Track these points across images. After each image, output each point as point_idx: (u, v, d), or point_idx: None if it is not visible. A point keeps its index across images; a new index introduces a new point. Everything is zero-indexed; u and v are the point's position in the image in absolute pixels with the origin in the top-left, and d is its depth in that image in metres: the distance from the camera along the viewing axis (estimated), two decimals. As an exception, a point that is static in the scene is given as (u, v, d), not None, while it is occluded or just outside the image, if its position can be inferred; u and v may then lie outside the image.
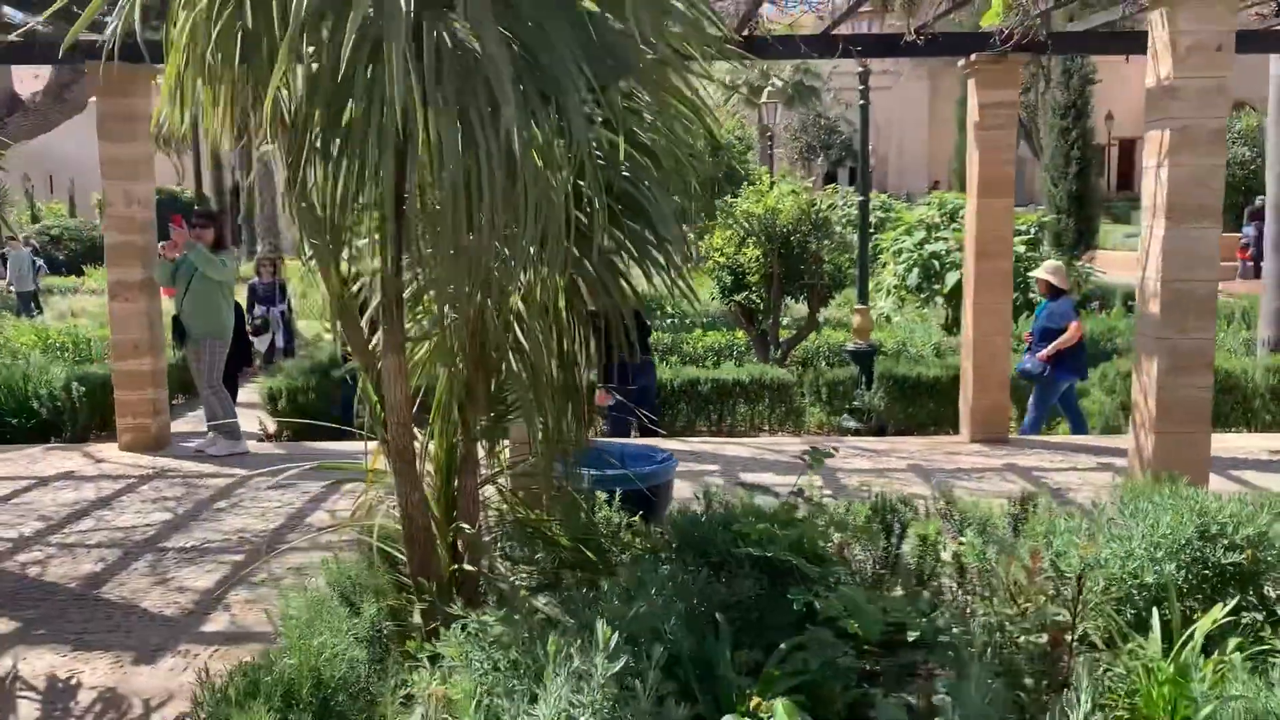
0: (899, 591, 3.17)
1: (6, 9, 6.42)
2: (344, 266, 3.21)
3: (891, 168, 39.60)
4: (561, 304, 3.15)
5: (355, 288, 3.23)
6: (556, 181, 2.71)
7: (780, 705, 1.93)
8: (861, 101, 9.60)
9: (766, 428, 9.27)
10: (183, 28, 2.75)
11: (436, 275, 2.88)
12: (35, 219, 32.69)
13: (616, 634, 2.14)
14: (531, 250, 2.69)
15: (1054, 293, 7.35)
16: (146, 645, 3.69)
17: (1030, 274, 10.13)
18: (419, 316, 3.43)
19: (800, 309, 11.71)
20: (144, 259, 6.65)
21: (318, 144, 2.77)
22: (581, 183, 2.81)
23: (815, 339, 11.19)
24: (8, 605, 4.07)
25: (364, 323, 3.25)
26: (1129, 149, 35.86)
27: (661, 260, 3.23)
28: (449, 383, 3.33)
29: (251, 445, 6.93)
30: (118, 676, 3.45)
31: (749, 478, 5.93)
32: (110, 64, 6.35)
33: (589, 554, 3.48)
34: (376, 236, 3.02)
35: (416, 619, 3.20)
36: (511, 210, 2.60)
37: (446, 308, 3.11)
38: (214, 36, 2.69)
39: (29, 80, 11.77)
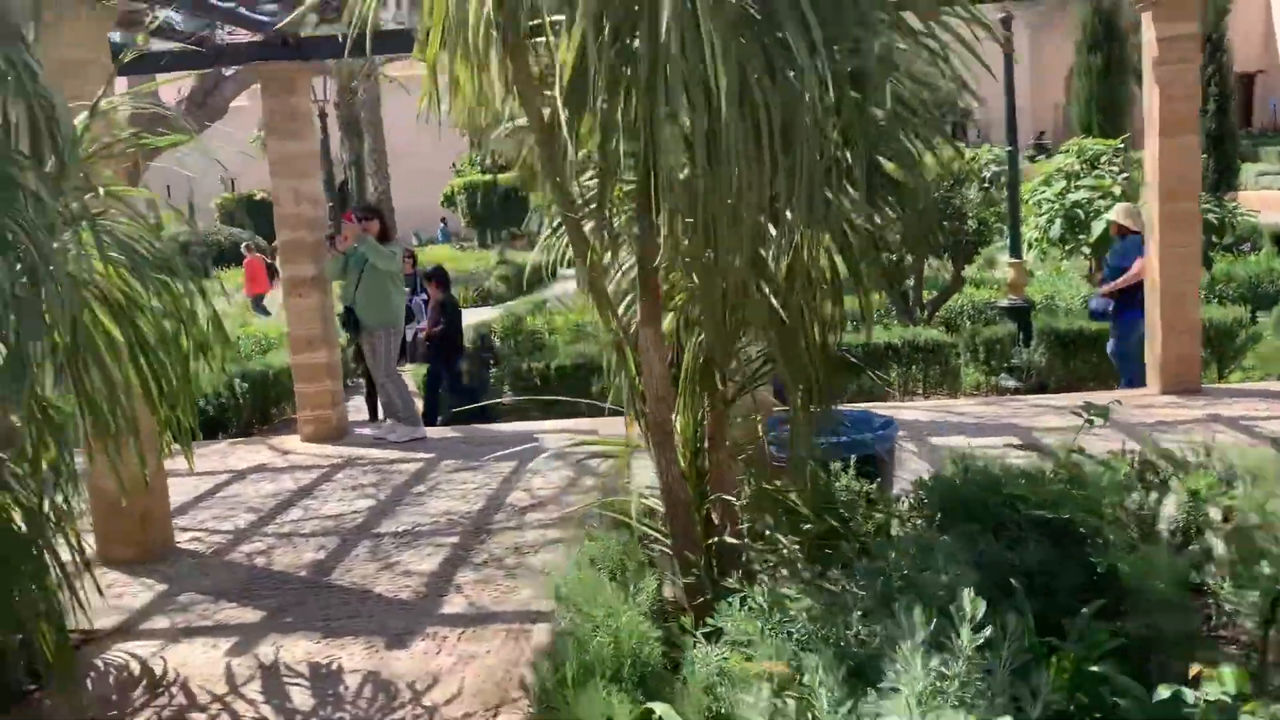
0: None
1: (169, 14, 6.58)
2: (593, 241, 3.17)
3: (994, 119, 38.33)
4: (825, 264, 3.04)
5: (605, 261, 3.19)
6: (825, 139, 2.62)
7: (1228, 674, 1.80)
8: (1006, 51, 9.22)
9: (920, 391, 9.03)
10: (438, 8, 2.73)
11: (694, 242, 2.81)
12: (159, 227, 33.99)
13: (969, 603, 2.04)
14: (792, 214, 2.61)
15: (1123, 233, 7.54)
16: (392, 629, 3.74)
17: (1103, 216, 10.16)
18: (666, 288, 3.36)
19: (938, 267, 11.38)
20: (314, 255, 6.78)
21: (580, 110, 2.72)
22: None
23: (958, 298, 10.87)
24: (247, 595, 4.19)
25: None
26: (1248, 84, 33.96)
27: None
28: (694, 353, 3.27)
29: (428, 430, 7.03)
30: (375, 661, 3.51)
31: (938, 441, 5.77)
32: (276, 64, 6.49)
33: (834, 524, 3.39)
34: (631, 206, 2.98)
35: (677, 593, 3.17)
36: (785, 171, 2.52)
37: (696, 276, 3.04)
38: (471, 16, 2.66)
39: (162, 91, 12.14)
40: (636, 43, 2.49)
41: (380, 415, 8.07)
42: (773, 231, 2.84)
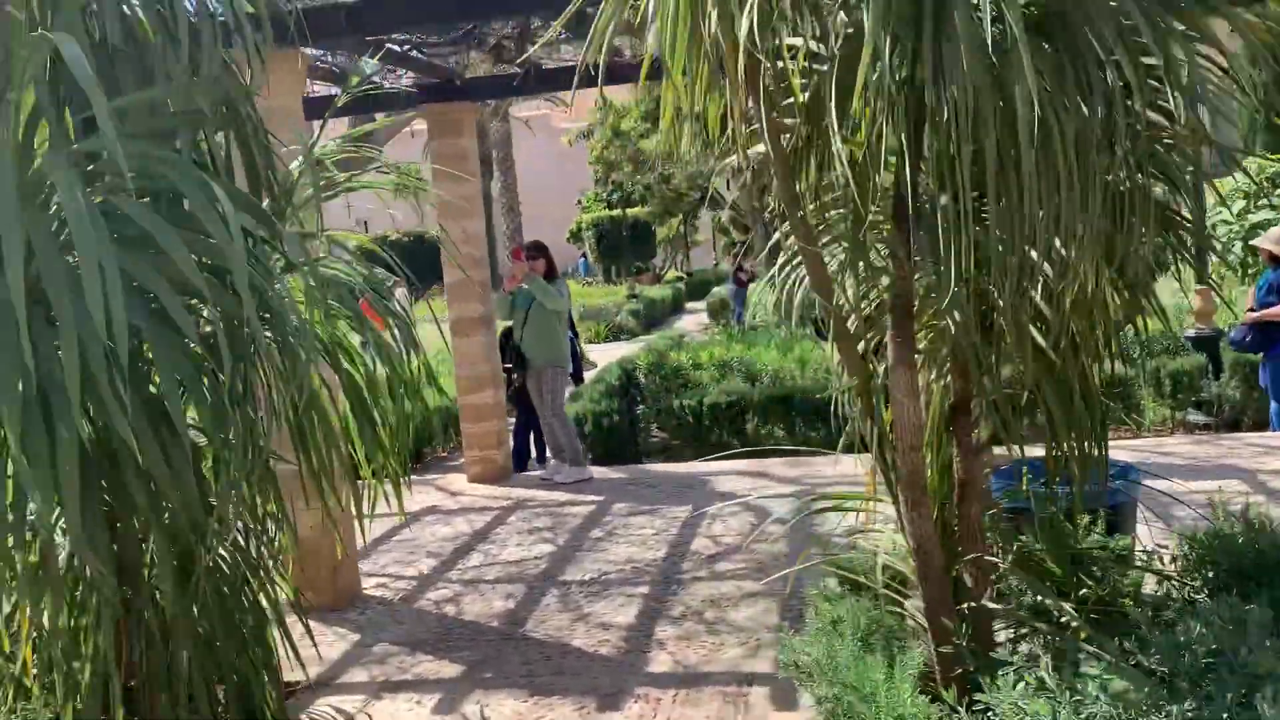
0: None
1: (357, 63, 6.70)
2: (838, 276, 2.96)
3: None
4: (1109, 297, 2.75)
5: (850, 300, 2.97)
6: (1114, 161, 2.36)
7: None
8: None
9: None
10: (679, 41, 2.58)
11: (951, 275, 2.56)
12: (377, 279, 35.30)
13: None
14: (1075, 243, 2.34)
15: (1276, 262, 6.48)
16: (601, 689, 3.56)
17: (1253, 242, 9.02)
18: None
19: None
20: (481, 294, 6.76)
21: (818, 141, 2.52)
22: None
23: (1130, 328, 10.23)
24: (443, 647, 4.07)
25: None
26: None
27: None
28: (941, 396, 3.01)
29: (594, 471, 6.89)
30: (589, 723, 3.33)
31: (1158, 485, 5.31)
32: (446, 105, 6.52)
33: (1091, 584, 3.07)
34: (883, 238, 2.75)
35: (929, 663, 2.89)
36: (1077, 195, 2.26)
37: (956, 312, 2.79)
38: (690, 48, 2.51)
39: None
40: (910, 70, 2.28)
41: (533, 454, 8.02)
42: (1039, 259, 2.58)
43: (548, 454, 7.32)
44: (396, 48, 6.02)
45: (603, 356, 10.67)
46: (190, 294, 2.48)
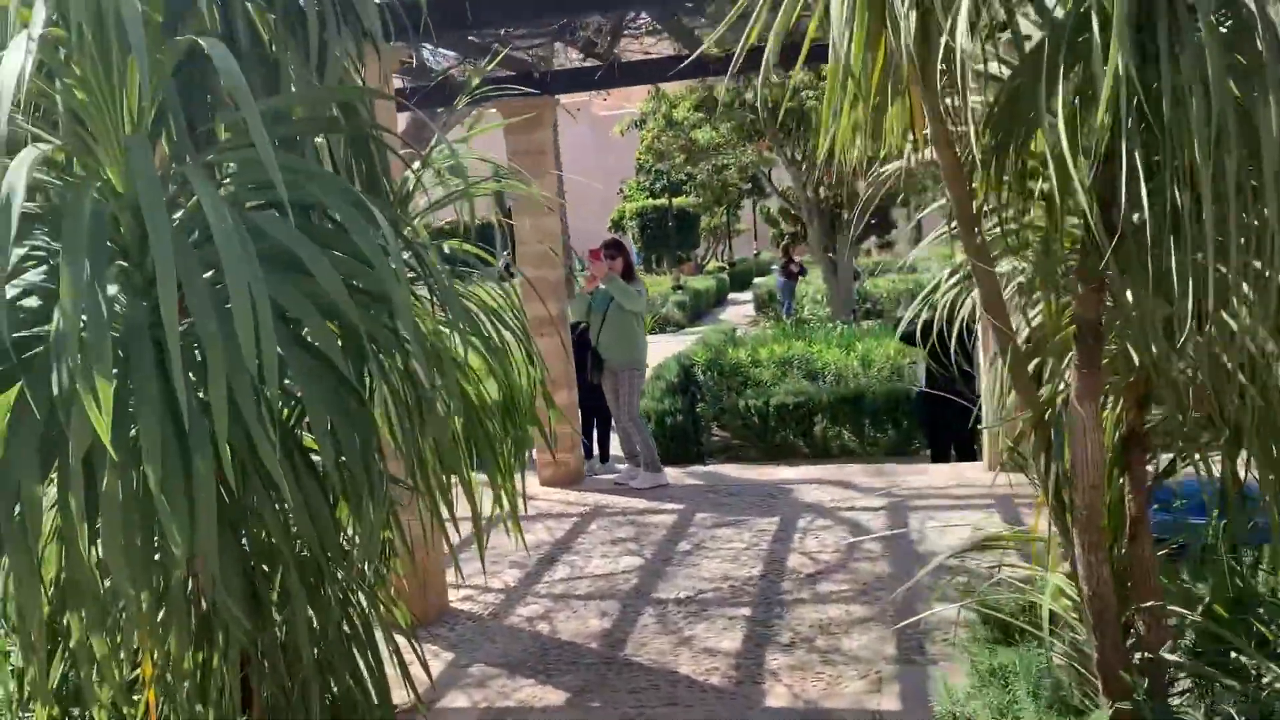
0: None
1: (425, 53, 6.53)
2: (1017, 300, 2.75)
3: None
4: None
5: (1023, 327, 2.76)
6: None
7: None
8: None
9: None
10: (850, 48, 2.37)
11: (1147, 299, 2.33)
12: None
13: None
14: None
15: None
16: (719, 723, 3.38)
17: None
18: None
19: None
20: (556, 293, 6.59)
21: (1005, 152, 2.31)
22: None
23: None
24: (542, 670, 3.91)
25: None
26: None
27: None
28: (1114, 426, 2.79)
29: (670, 473, 6.70)
30: (711, 762, 3.14)
31: None
32: (519, 99, 6.34)
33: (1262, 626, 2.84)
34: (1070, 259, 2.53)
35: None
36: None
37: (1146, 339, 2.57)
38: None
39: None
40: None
41: (594, 453, 7.85)
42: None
43: (611, 456, 7.16)
44: (475, 38, 5.84)
45: (653, 352, 10.49)
46: (329, 318, 2.32)
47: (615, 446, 7.99)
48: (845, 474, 6.52)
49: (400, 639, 3.02)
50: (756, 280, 28.67)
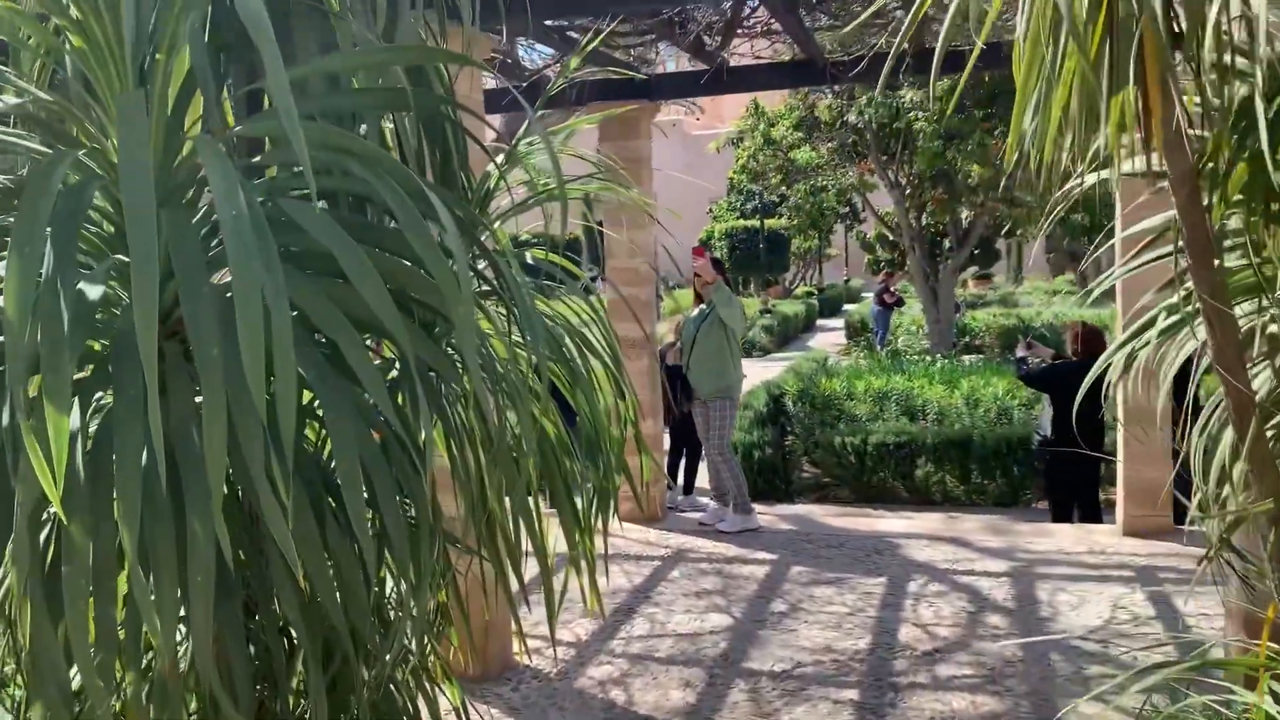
0: None
1: (521, 52, 6.13)
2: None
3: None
4: None
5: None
6: None
7: None
8: None
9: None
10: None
11: None
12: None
13: None
14: None
15: None
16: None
17: None
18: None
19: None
20: (644, 313, 6.09)
21: None
22: None
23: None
24: (615, 747, 3.39)
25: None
26: None
27: None
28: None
29: (759, 515, 6.13)
30: None
31: None
32: (621, 104, 5.88)
33: None
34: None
35: None
36: None
37: None
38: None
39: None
40: None
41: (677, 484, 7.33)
42: None
43: (694, 492, 6.63)
44: (575, 34, 5.40)
45: (752, 378, 9.93)
46: (368, 333, 1.84)
47: (703, 476, 7.46)
48: (957, 530, 5.86)
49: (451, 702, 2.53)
50: (847, 307, 27.87)
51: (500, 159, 2.58)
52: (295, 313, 1.63)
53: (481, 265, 2.24)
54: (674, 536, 5.83)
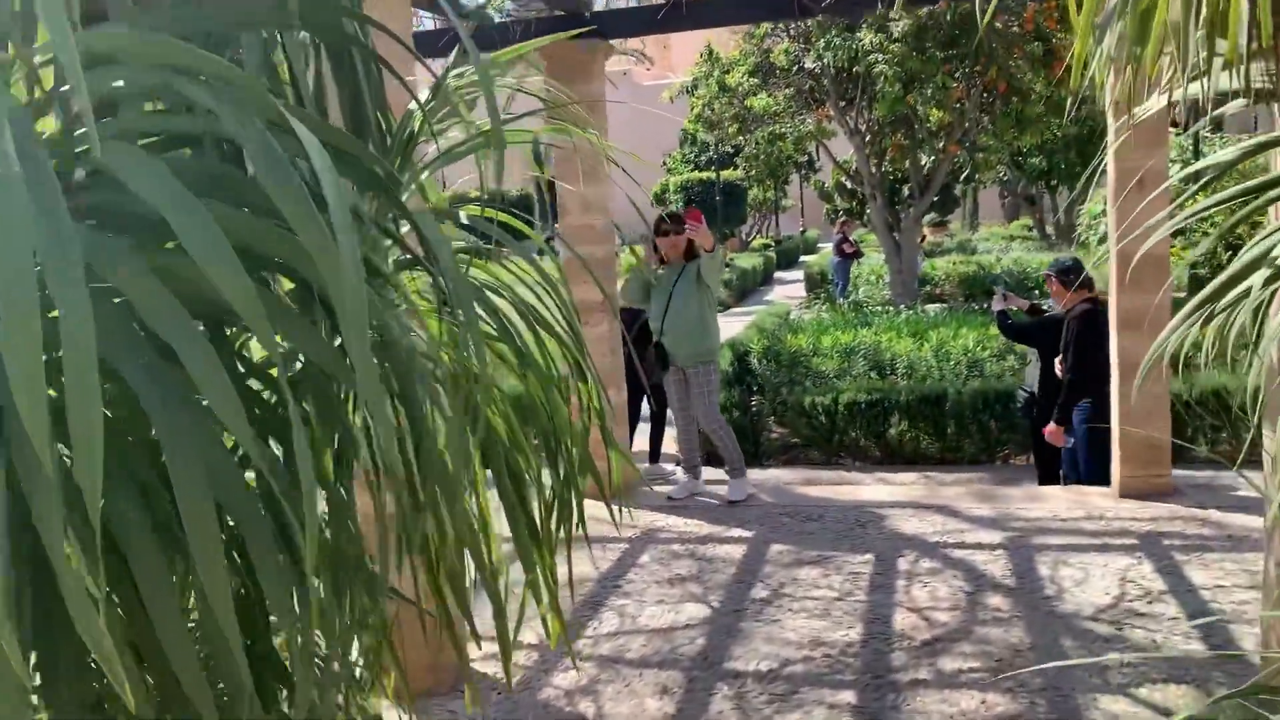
0: None
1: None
2: None
3: None
4: None
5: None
6: None
7: None
8: None
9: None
10: None
11: None
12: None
13: None
14: None
15: None
16: None
17: None
18: None
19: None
20: (603, 274, 5.62)
21: None
22: None
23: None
24: (586, 773, 2.98)
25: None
26: None
27: None
28: None
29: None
30: None
31: None
32: (572, 44, 5.35)
33: None
34: None
35: None
36: None
37: None
38: None
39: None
40: None
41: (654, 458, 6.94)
42: None
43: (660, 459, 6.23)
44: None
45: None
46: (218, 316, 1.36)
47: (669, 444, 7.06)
48: (943, 496, 5.51)
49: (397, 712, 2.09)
50: (805, 259, 27.51)
51: (425, 96, 2.08)
52: (120, 300, 1.16)
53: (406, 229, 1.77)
54: (643, 515, 5.42)
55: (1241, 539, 4.45)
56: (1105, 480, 5.24)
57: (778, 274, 25.42)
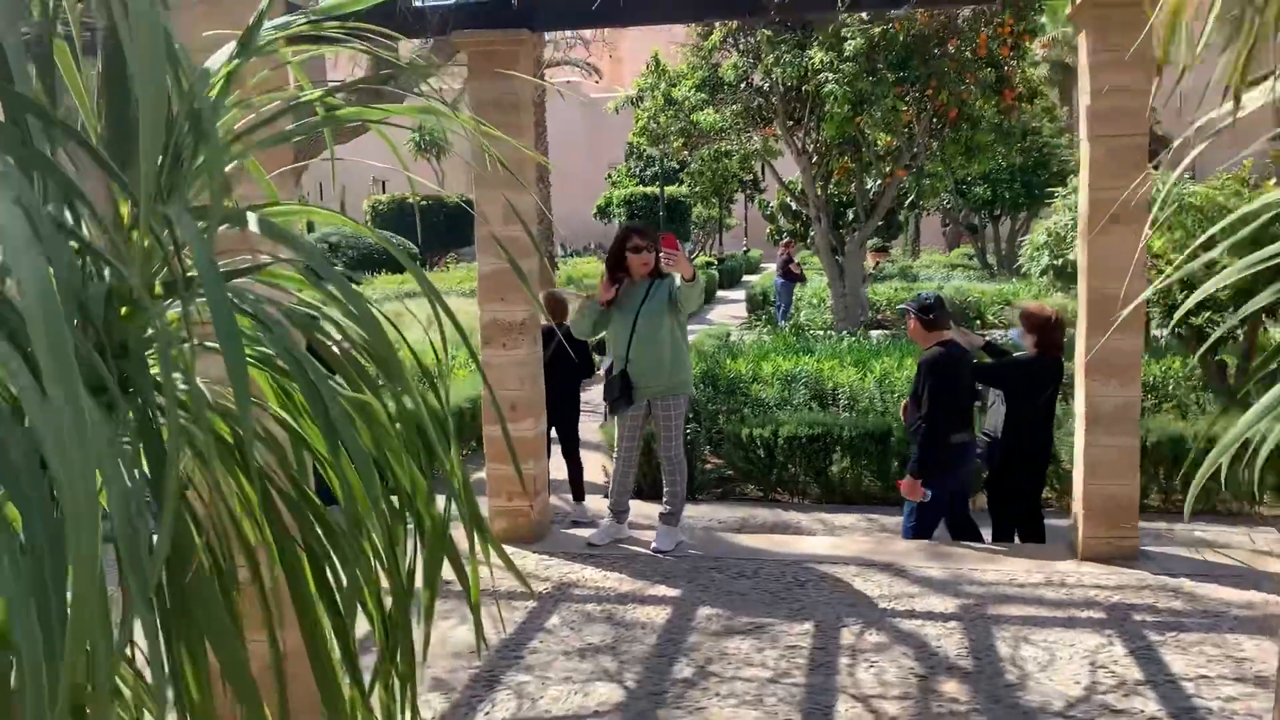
0: None
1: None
2: None
3: None
4: None
5: None
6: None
7: None
8: None
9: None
10: None
11: None
12: (310, 228, 33.71)
13: None
14: None
15: None
16: None
17: None
18: None
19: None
20: (525, 292, 5.03)
21: None
22: None
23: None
24: None
25: None
26: None
27: None
28: None
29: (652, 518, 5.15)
30: None
31: None
32: (494, 34, 4.77)
33: None
34: None
35: None
36: None
37: None
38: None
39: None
40: None
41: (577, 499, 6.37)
42: None
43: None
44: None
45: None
46: None
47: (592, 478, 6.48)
48: (890, 552, 4.99)
49: None
50: (748, 278, 27.14)
51: (226, 52, 1.50)
52: None
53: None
54: (556, 564, 4.82)
55: (1218, 616, 4.00)
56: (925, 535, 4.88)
57: (720, 292, 25.02)
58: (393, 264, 25.63)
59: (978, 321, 16.35)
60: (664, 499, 5.03)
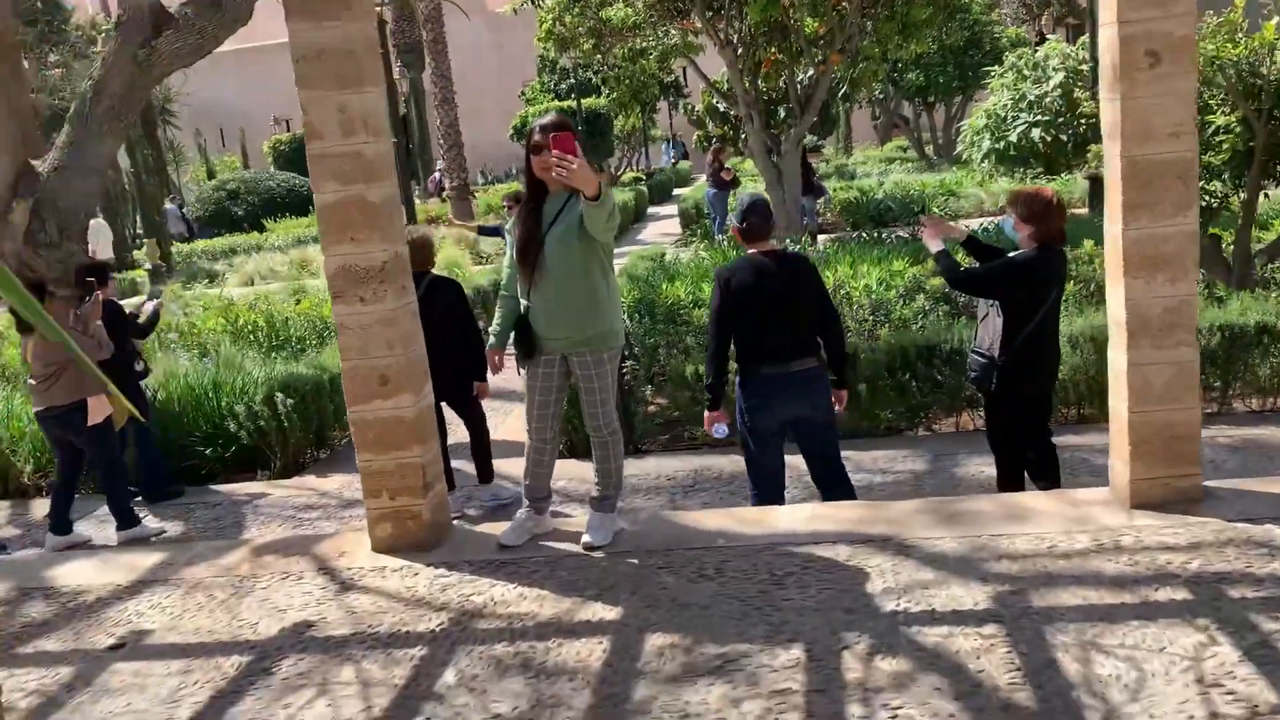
0: None
1: None
2: None
3: None
4: None
5: None
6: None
7: None
8: None
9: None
10: None
11: None
12: (211, 174, 31.60)
13: None
14: None
15: None
16: None
17: None
18: None
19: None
20: (385, 226, 3.77)
21: None
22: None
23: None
24: None
25: None
26: None
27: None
28: None
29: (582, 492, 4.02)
30: None
31: None
32: None
33: None
34: None
35: None
36: None
37: None
38: None
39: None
40: None
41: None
42: None
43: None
44: None
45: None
46: None
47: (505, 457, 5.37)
48: (888, 520, 3.89)
49: None
50: (679, 192, 25.81)
51: None
52: None
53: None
54: (457, 581, 3.65)
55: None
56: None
57: (651, 209, 23.70)
58: (296, 207, 23.88)
59: (921, 214, 15.36)
60: (595, 480, 3.88)
